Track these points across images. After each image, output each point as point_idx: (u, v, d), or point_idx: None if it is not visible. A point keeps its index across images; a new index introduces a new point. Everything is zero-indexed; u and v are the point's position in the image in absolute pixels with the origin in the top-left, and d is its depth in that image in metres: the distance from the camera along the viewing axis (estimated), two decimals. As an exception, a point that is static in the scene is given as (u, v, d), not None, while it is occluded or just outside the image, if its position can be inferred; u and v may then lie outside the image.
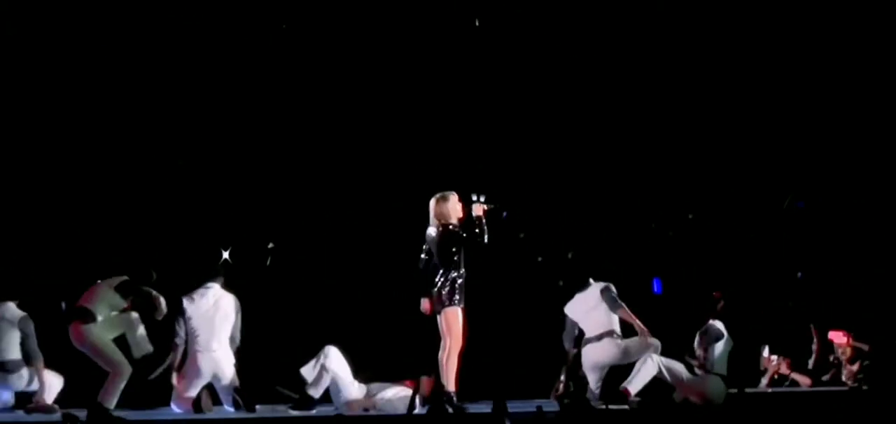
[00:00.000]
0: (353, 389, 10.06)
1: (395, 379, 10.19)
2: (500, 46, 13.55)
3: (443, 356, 9.74)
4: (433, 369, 9.85)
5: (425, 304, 9.86)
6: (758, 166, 13.80)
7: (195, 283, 10.15)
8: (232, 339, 10.14)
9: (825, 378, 12.78)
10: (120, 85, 12.81)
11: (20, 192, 12.37)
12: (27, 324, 10.14)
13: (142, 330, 9.95)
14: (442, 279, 9.72)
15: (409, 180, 12.55)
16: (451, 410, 9.25)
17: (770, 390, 12.63)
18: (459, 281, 9.73)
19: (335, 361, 10.01)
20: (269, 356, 11.12)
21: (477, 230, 9.78)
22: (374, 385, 10.15)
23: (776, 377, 12.94)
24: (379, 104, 13.48)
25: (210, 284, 10.19)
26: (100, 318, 9.81)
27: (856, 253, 13.52)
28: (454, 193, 9.96)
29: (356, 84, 13.43)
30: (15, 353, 10.11)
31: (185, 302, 10.09)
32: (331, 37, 13.42)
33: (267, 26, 13.28)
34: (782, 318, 13.40)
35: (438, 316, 9.79)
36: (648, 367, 10.24)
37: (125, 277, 10.03)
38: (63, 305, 9.80)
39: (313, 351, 10.14)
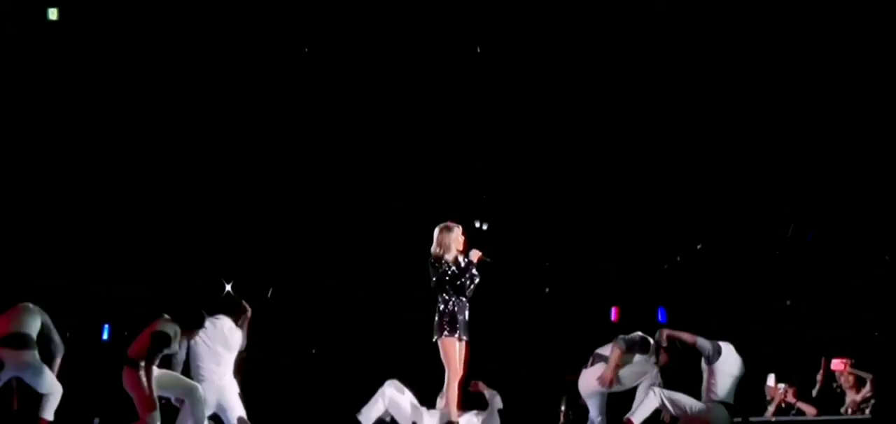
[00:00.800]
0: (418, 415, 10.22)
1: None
2: (511, 76, 13.72)
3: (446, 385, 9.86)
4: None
5: None
6: (762, 195, 13.87)
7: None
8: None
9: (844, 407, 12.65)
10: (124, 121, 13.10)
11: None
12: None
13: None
14: (441, 308, 9.77)
15: (431, 204, 12.66)
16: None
17: (775, 419, 12.60)
18: (456, 311, 9.72)
19: (396, 393, 10.20)
20: (278, 387, 11.24)
21: (464, 271, 9.78)
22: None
23: (782, 406, 12.88)
24: (396, 135, 13.67)
25: (219, 315, 10.28)
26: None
27: (861, 281, 13.55)
28: (458, 226, 9.98)
29: (370, 119, 13.62)
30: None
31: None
32: (337, 57, 13.60)
33: (271, 54, 13.49)
34: (788, 346, 13.43)
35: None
36: (651, 398, 10.25)
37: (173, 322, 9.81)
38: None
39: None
